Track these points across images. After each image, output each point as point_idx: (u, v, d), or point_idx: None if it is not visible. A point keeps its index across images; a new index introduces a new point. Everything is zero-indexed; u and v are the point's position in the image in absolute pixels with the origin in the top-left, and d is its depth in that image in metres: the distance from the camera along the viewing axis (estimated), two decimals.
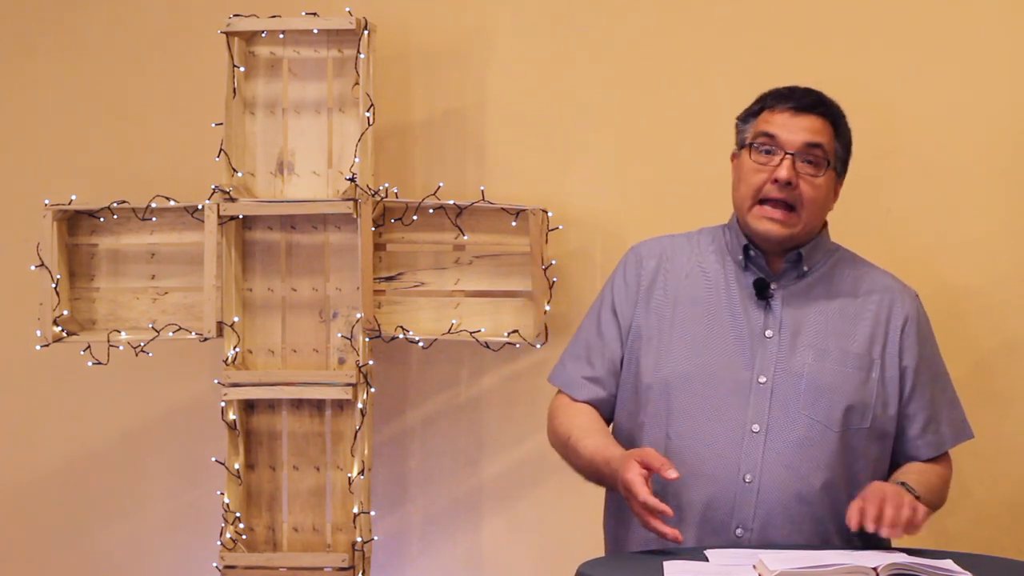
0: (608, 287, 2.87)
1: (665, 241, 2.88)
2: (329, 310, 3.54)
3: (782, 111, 2.73)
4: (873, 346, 2.72)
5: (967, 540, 3.37)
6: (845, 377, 2.69)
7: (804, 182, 2.70)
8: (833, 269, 2.79)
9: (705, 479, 2.65)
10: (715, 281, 2.77)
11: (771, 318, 2.72)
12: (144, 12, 3.86)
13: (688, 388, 2.69)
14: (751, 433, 2.65)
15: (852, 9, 3.53)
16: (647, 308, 2.78)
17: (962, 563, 2.28)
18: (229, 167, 3.50)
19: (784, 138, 2.71)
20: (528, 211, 3.47)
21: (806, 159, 2.70)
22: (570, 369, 2.86)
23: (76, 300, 3.61)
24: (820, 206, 2.74)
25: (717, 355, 2.70)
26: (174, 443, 3.83)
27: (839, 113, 2.80)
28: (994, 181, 3.45)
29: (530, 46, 3.68)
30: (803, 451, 2.64)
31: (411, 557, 3.72)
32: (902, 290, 2.81)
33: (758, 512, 2.62)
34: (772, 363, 2.68)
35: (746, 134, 2.78)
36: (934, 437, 2.77)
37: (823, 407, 2.66)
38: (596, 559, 2.47)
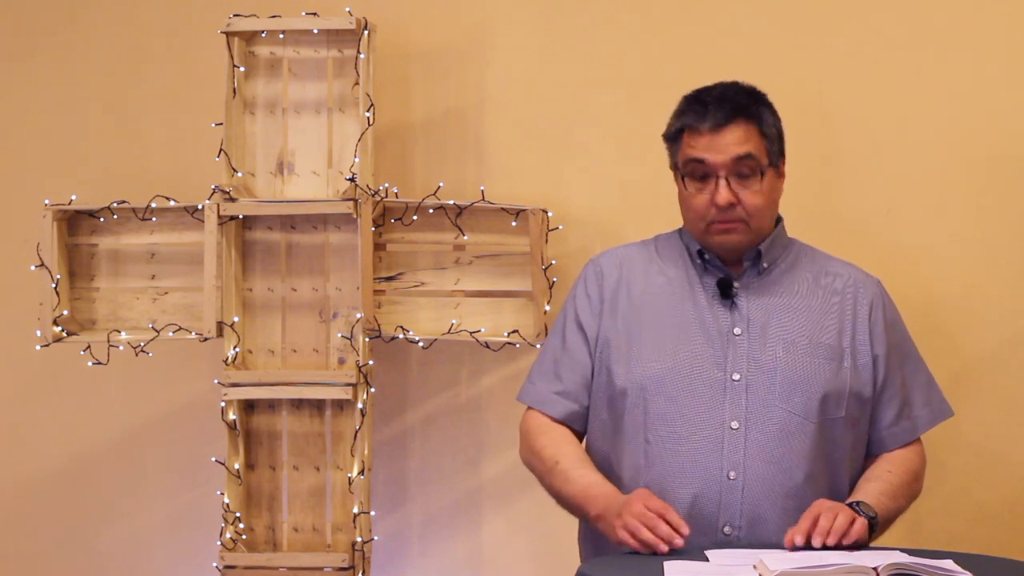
0: (571, 302, 2.86)
1: (623, 251, 2.89)
2: (329, 310, 3.54)
3: (704, 133, 2.72)
4: (842, 336, 2.74)
5: (967, 540, 3.37)
6: (817, 368, 2.70)
7: (744, 194, 2.70)
8: (794, 263, 2.81)
9: (689, 480, 2.65)
10: (678, 285, 2.78)
11: (738, 316, 2.73)
12: (144, 12, 3.86)
13: (663, 391, 2.70)
14: (731, 431, 2.66)
15: (850, 10, 3.52)
16: (613, 318, 2.78)
17: (962, 563, 2.28)
18: (229, 167, 3.50)
19: (712, 160, 2.70)
20: (528, 211, 3.47)
21: (740, 172, 2.70)
22: (540, 386, 2.84)
23: (76, 300, 3.61)
24: (768, 208, 2.75)
25: (689, 357, 2.71)
26: (174, 443, 3.83)
27: (758, 106, 2.77)
28: (990, 184, 3.45)
29: (530, 46, 3.68)
30: (784, 444, 2.66)
31: (411, 557, 3.72)
32: (864, 278, 2.83)
33: (745, 509, 2.63)
34: (744, 360, 2.69)
35: (676, 158, 2.78)
36: (908, 423, 2.79)
37: (799, 399, 2.67)
38: (596, 559, 2.47)
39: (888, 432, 2.78)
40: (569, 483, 2.70)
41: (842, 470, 2.73)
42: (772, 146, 2.76)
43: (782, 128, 2.81)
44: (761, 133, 2.74)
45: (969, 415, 3.43)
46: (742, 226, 2.72)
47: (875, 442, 2.79)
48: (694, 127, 2.73)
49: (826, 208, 3.50)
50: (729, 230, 2.72)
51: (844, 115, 3.52)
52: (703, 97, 2.77)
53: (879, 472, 2.74)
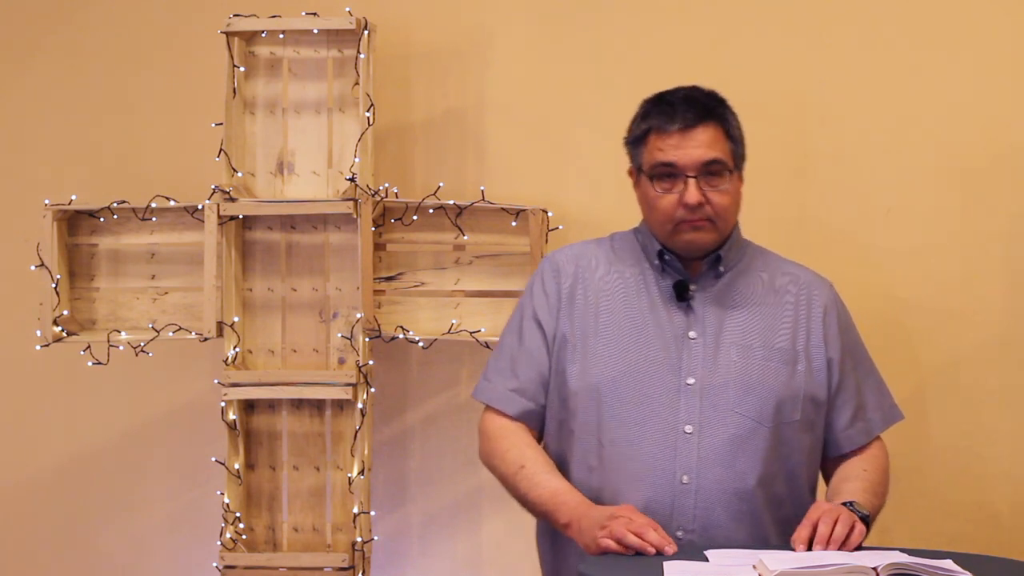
0: (527, 299, 2.85)
1: (579, 248, 2.88)
2: (329, 310, 3.54)
3: (670, 135, 2.71)
4: (797, 339, 2.74)
5: (967, 540, 3.37)
6: (772, 372, 2.70)
7: (712, 194, 2.70)
8: (748, 266, 2.81)
9: (642, 483, 2.64)
10: (634, 286, 2.77)
11: (693, 319, 2.72)
12: (144, 12, 3.86)
13: (617, 393, 2.69)
14: (684, 434, 2.65)
15: (849, 11, 3.52)
16: (570, 315, 2.77)
17: (962, 563, 2.28)
18: (229, 167, 3.50)
19: (682, 162, 2.70)
20: (528, 211, 3.47)
21: (708, 173, 2.70)
22: (496, 383, 2.82)
23: (76, 300, 3.61)
24: (734, 208, 2.76)
25: (643, 359, 2.70)
26: (174, 443, 3.83)
27: (722, 108, 2.77)
28: (983, 186, 3.45)
29: (530, 46, 3.68)
30: (737, 448, 2.65)
31: (411, 557, 3.72)
32: (817, 281, 2.83)
33: (697, 513, 2.63)
34: (699, 364, 2.69)
35: (640, 160, 2.77)
36: (863, 424, 2.79)
37: (753, 403, 2.67)
38: (596, 559, 2.46)
39: (844, 435, 2.78)
40: (536, 488, 2.68)
41: (798, 474, 2.73)
42: (737, 148, 2.76)
43: (742, 132, 2.80)
44: (727, 135, 2.74)
45: (969, 415, 3.43)
46: (709, 225, 2.71)
47: (831, 444, 2.79)
48: (662, 129, 2.72)
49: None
50: (698, 228, 2.71)
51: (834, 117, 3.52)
52: (668, 99, 2.76)
53: (856, 471, 2.74)
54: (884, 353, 2.93)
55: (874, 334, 2.92)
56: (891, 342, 3.42)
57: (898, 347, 3.44)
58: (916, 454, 3.45)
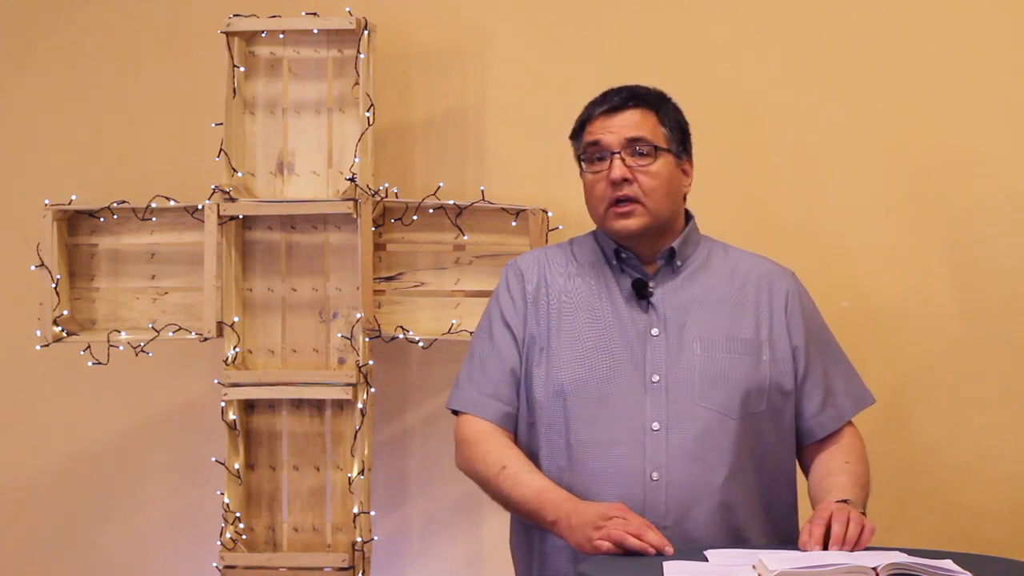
0: (494, 305, 2.86)
1: (540, 253, 2.89)
2: (329, 310, 3.54)
3: (598, 117, 2.77)
4: (759, 329, 2.74)
5: (967, 540, 3.37)
6: (736, 363, 2.70)
7: (639, 174, 2.72)
8: (707, 260, 2.81)
9: (612, 482, 2.64)
10: (595, 287, 2.78)
11: (654, 316, 2.73)
12: (144, 12, 3.86)
13: (583, 394, 2.69)
14: (652, 431, 2.65)
15: (849, 11, 3.52)
16: (536, 319, 2.78)
17: (962, 563, 2.28)
18: (229, 167, 3.50)
19: (607, 140, 2.74)
20: (528, 211, 3.47)
21: (634, 152, 2.73)
22: (468, 390, 2.82)
23: (76, 300, 3.61)
24: (665, 191, 2.75)
25: (607, 359, 2.70)
26: (174, 443, 3.83)
27: (658, 99, 2.81)
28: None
29: (530, 46, 3.68)
30: (706, 442, 2.65)
31: (411, 557, 3.72)
32: (778, 271, 2.83)
33: (670, 509, 2.63)
34: (662, 360, 2.69)
35: (579, 150, 2.82)
36: (833, 411, 2.78)
37: (719, 396, 2.67)
38: (596, 559, 2.46)
39: (815, 421, 2.77)
40: (520, 487, 2.67)
41: (767, 463, 2.73)
42: (672, 135, 2.77)
43: (687, 128, 2.82)
44: (659, 121, 2.77)
45: (969, 414, 3.43)
46: (639, 208, 2.72)
47: (804, 432, 2.79)
48: (592, 115, 2.79)
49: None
50: (627, 213, 2.72)
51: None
52: (604, 92, 2.83)
53: (838, 464, 2.73)
54: (885, 353, 2.94)
55: (865, 334, 2.92)
56: (890, 341, 3.42)
57: (897, 347, 3.44)
58: (916, 454, 3.45)
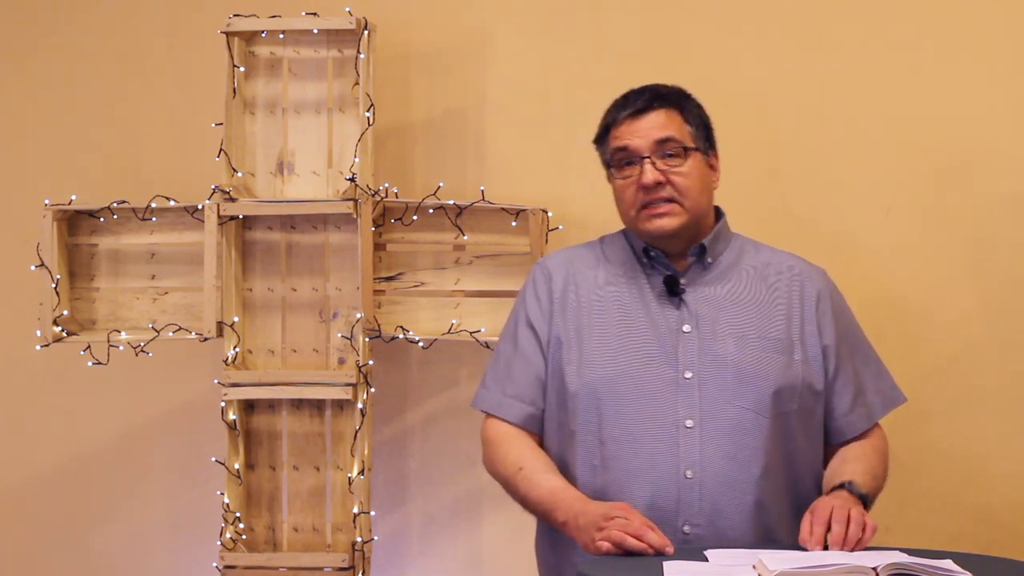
0: (520, 306, 2.87)
1: (569, 252, 2.90)
2: (329, 310, 3.54)
3: (624, 121, 2.77)
4: (791, 328, 2.74)
5: (967, 540, 3.37)
6: (768, 362, 2.70)
7: (672, 175, 2.73)
8: (739, 257, 2.81)
9: (645, 480, 2.65)
10: (626, 285, 2.78)
11: (686, 313, 2.73)
12: (144, 12, 3.86)
13: (615, 392, 2.69)
14: (685, 429, 2.66)
15: (850, 10, 3.52)
16: (563, 318, 2.79)
17: (962, 563, 2.28)
18: (229, 167, 3.50)
19: (635, 145, 2.74)
20: (528, 211, 3.47)
21: (664, 155, 2.73)
22: (494, 391, 2.83)
23: (76, 300, 3.61)
24: (699, 189, 2.76)
25: (639, 357, 2.71)
26: (174, 443, 3.83)
27: (680, 97, 2.82)
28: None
29: (530, 46, 3.68)
30: (739, 440, 2.65)
31: (411, 557, 3.72)
32: (809, 268, 2.83)
33: (704, 506, 2.63)
34: (695, 357, 2.69)
35: (605, 156, 2.82)
36: (864, 410, 2.79)
37: (751, 394, 2.67)
38: (596, 559, 2.46)
39: (845, 420, 2.78)
40: (535, 488, 2.69)
41: (799, 463, 2.73)
42: (698, 133, 2.78)
43: (710, 123, 2.83)
44: (684, 119, 2.77)
45: (969, 414, 3.43)
46: (676, 208, 2.73)
47: (832, 432, 2.79)
48: (616, 119, 2.78)
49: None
50: (662, 214, 2.73)
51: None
52: (625, 94, 2.83)
53: (855, 454, 2.75)
54: (885, 352, 2.93)
55: (870, 333, 2.92)
56: (889, 341, 3.42)
57: (897, 346, 3.43)
58: (916, 454, 3.45)
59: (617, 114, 2.79)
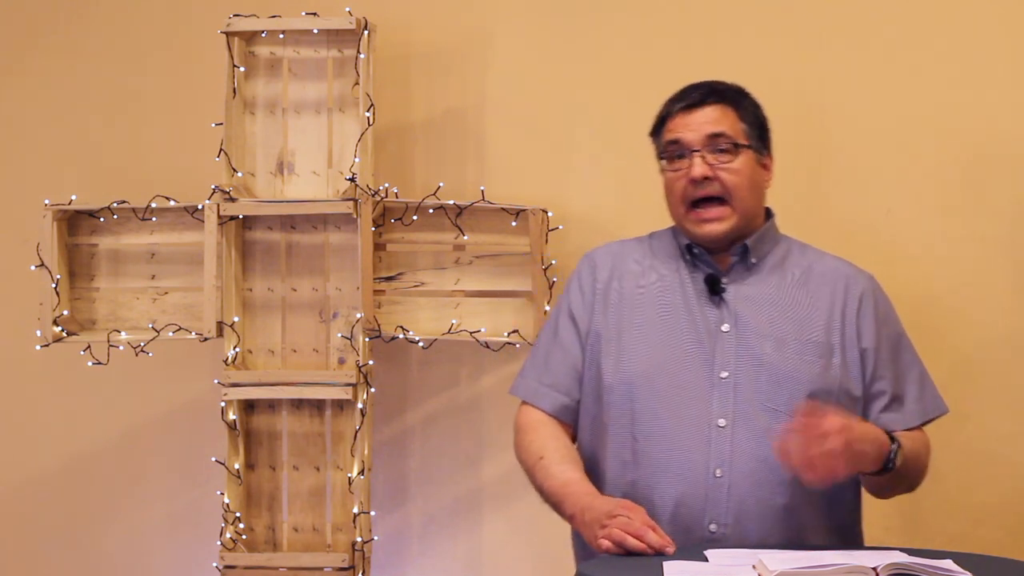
0: (564, 296, 2.87)
1: (617, 246, 2.90)
2: (329, 310, 3.54)
3: (678, 114, 2.77)
4: (831, 332, 2.73)
5: (967, 540, 3.37)
6: (806, 365, 2.69)
7: (722, 171, 2.72)
8: (784, 259, 2.80)
9: (674, 477, 2.64)
10: (669, 282, 2.78)
11: (725, 312, 2.72)
12: (144, 12, 3.86)
13: (650, 387, 2.69)
14: (717, 428, 2.65)
15: (847, 10, 3.52)
16: (604, 311, 2.79)
17: (962, 563, 2.28)
18: (229, 167, 3.50)
19: (687, 138, 2.74)
20: (528, 211, 3.47)
21: (715, 149, 2.73)
22: (530, 379, 2.85)
23: (76, 300, 3.61)
24: (748, 188, 2.75)
25: (676, 353, 2.70)
26: (174, 443, 3.83)
27: (737, 95, 2.81)
28: (984, 184, 3.45)
29: (530, 46, 3.68)
30: (771, 442, 2.63)
31: (411, 557, 3.72)
32: (856, 273, 2.82)
33: (731, 506, 2.63)
34: (732, 357, 2.69)
35: (658, 148, 2.82)
36: (898, 415, 2.75)
37: (785, 396, 2.66)
38: (596, 559, 2.46)
39: (879, 421, 2.73)
40: (549, 478, 2.70)
41: None
42: (752, 131, 2.77)
43: (766, 123, 2.82)
44: (738, 117, 2.77)
45: (969, 415, 3.43)
46: (726, 211, 2.73)
47: None
48: (671, 111, 2.79)
49: (822, 208, 3.51)
50: (711, 219, 2.72)
51: (841, 115, 3.52)
52: (683, 88, 2.83)
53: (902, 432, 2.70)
54: None
55: None
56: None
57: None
58: None
59: (672, 107, 2.79)
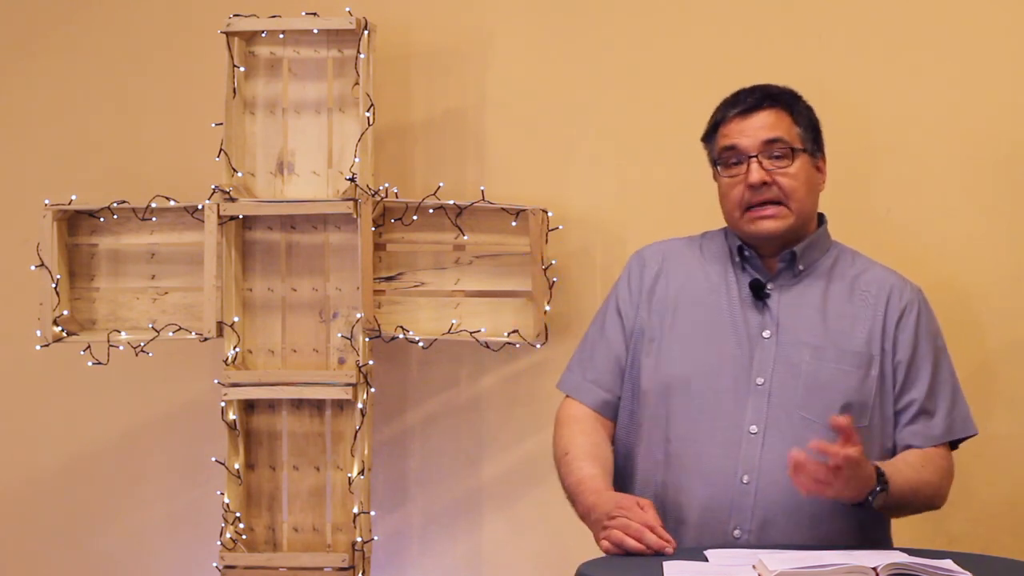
0: (613, 291, 2.89)
1: (667, 245, 2.90)
2: (329, 310, 3.54)
3: (733, 119, 2.77)
4: (871, 343, 2.72)
5: (967, 540, 3.37)
6: (843, 375, 2.68)
7: (779, 176, 2.73)
8: (832, 268, 2.80)
9: (703, 481, 2.65)
10: (715, 283, 2.78)
11: (768, 318, 2.72)
12: (144, 12, 3.86)
13: (687, 390, 2.70)
14: (749, 434, 2.65)
15: (852, 9, 3.52)
16: (649, 310, 2.79)
17: (962, 563, 2.28)
18: (229, 167, 3.50)
19: (743, 144, 2.74)
20: (528, 211, 3.47)
21: (771, 155, 2.73)
22: (576, 373, 2.87)
23: (76, 300, 3.61)
24: (805, 191, 2.76)
25: (716, 357, 2.70)
26: (174, 443, 3.83)
27: (790, 98, 2.82)
28: (992, 180, 3.44)
29: (530, 46, 3.68)
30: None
31: (411, 557, 3.72)
32: (901, 285, 2.81)
33: (756, 513, 2.62)
34: (770, 364, 2.68)
35: (712, 154, 2.82)
36: (923, 429, 2.74)
37: (820, 406, 2.65)
38: (596, 559, 2.47)
39: (900, 434, 2.73)
40: (570, 475, 2.71)
41: None
42: (806, 134, 2.78)
43: (819, 125, 2.82)
44: (793, 120, 2.77)
45: None
46: (783, 210, 2.72)
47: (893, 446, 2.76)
48: (726, 117, 2.78)
49: (821, 208, 3.51)
50: (767, 216, 2.72)
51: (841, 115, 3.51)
52: (736, 92, 2.83)
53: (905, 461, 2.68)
54: None
55: None
56: None
57: None
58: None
59: (726, 112, 2.79)
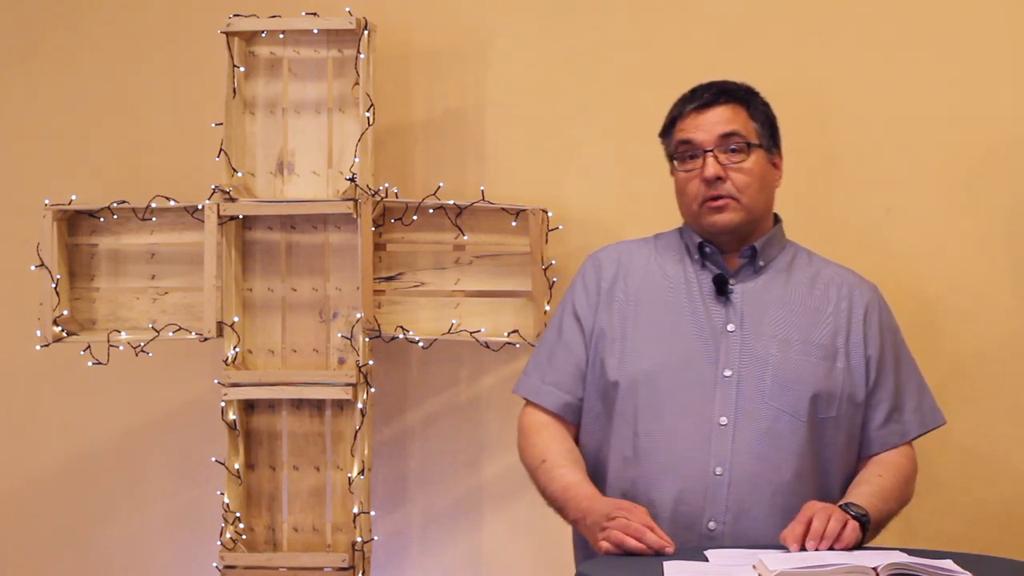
0: (568, 295, 2.89)
1: (622, 246, 2.91)
2: (329, 310, 3.54)
3: (689, 114, 2.79)
4: (837, 336, 2.75)
5: (967, 540, 3.37)
6: (810, 367, 2.71)
7: (733, 171, 2.74)
8: (791, 264, 2.82)
9: (675, 474, 2.65)
10: (675, 281, 2.80)
11: (732, 312, 2.74)
12: (144, 12, 3.86)
13: (654, 385, 2.71)
14: (719, 426, 2.66)
15: (852, 10, 3.52)
16: (609, 310, 2.80)
17: (961, 563, 2.28)
18: (229, 167, 3.50)
19: (699, 138, 2.76)
20: (528, 211, 3.47)
21: (727, 149, 2.75)
22: (534, 377, 2.86)
23: (76, 300, 3.61)
24: (759, 186, 2.77)
25: (681, 352, 2.72)
26: (174, 443, 3.83)
27: (747, 94, 2.83)
28: (992, 180, 3.45)
29: (530, 46, 3.68)
30: (772, 441, 2.66)
31: (411, 557, 3.72)
32: (860, 282, 2.84)
33: (730, 504, 2.63)
34: (736, 356, 2.70)
35: (669, 148, 2.84)
36: (897, 426, 2.78)
37: (789, 397, 2.67)
38: (596, 559, 2.47)
39: (876, 434, 2.78)
40: (552, 482, 2.71)
41: (832, 470, 2.73)
42: (762, 130, 2.79)
43: (776, 121, 2.84)
44: (749, 116, 2.79)
45: (968, 416, 3.43)
46: (733, 203, 2.74)
47: (864, 444, 2.79)
48: (682, 112, 2.81)
49: (821, 208, 3.51)
50: (721, 208, 2.74)
51: (842, 115, 3.52)
52: (693, 88, 2.85)
53: (869, 476, 2.73)
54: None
55: None
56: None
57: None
58: (917, 454, 3.45)
59: (683, 107, 2.81)
